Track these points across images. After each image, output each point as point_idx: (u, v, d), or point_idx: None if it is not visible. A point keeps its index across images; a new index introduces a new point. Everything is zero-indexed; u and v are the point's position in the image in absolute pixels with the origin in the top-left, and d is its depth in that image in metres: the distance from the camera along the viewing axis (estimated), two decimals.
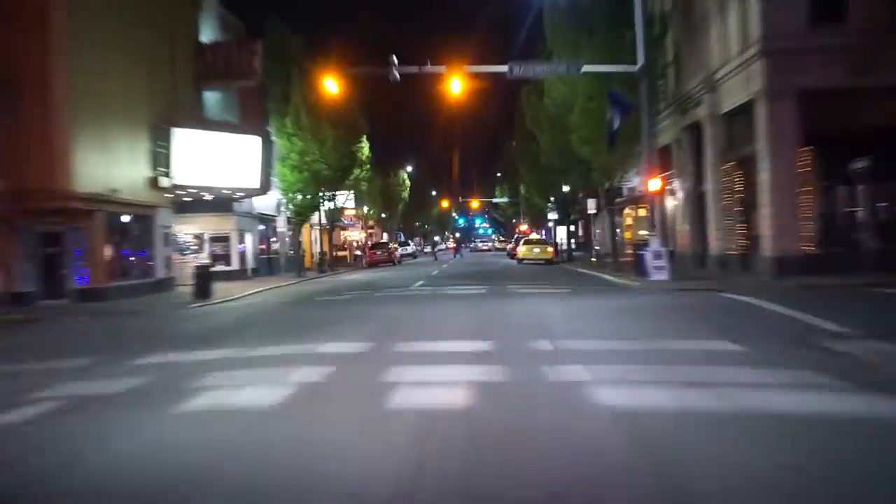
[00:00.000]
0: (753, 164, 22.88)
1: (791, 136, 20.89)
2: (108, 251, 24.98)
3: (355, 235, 68.35)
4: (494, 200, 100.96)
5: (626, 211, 41.57)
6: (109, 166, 25.12)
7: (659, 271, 22.20)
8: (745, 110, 23.36)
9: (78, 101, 23.29)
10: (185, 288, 27.02)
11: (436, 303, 18.14)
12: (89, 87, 23.92)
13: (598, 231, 41.24)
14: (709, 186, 26.44)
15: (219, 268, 36.14)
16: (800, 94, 20.71)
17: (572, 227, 52.00)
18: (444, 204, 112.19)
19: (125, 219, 26.53)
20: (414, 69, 23.37)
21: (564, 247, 50.72)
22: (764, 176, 21.66)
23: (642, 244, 24.79)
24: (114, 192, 25.12)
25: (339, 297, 22.52)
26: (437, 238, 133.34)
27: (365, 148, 48.00)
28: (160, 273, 28.57)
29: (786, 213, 21.22)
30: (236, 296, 25.58)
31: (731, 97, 24.16)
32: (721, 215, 25.92)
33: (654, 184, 23.03)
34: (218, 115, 34.44)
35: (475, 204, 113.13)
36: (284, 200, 39.01)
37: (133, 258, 27.07)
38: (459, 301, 18.18)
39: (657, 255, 22.26)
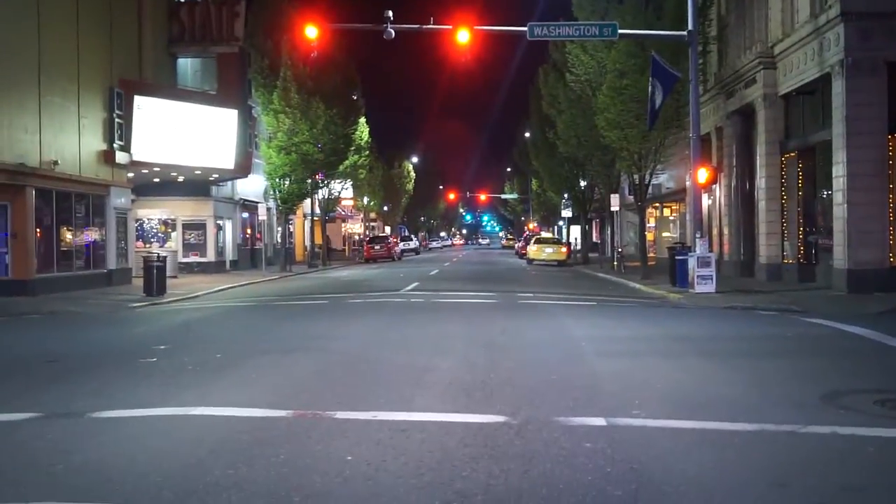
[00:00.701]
0: (824, 154, 19.24)
1: (876, 119, 17.71)
2: (39, 236, 20.82)
3: (356, 228, 64.33)
4: (504, 196, 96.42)
5: (648, 211, 37.51)
6: (49, 134, 21.05)
7: (704, 282, 18.02)
8: (812, 89, 19.86)
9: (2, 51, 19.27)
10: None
11: (425, 319, 13.83)
12: (20, 38, 19.87)
13: (617, 231, 36.97)
14: (761, 182, 22.18)
15: (192, 259, 32.20)
16: (889, 68, 17.29)
17: (586, 227, 47.76)
18: (451, 196, 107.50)
19: (68, 198, 22.34)
20: (414, 27, 19.59)
21: (578, 247, 46.61)
22: (839, 169, 17.75)
23: (682, 248, 20.56)
24: (52, 164, 21.06)
25: (310, 301, 18.46)
26: (442, 234, 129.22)
27: (363, 132, 43.53)
28: (112, 263, 24.44)
29: (866, 216, 17.41)
30: (197, 293, 21.61)
31: (796, 73, 20.12)
32: (775, 217, 21.70)
33: (702, 174, 18.79)
34: (192, 85, 30.26)
35: (483, 197, 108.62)
36: (269, 186, 34.76)
37: (77, 245, 22.84)
38: (458, 318, 13.85)
39: (704, 262, 18.06)
